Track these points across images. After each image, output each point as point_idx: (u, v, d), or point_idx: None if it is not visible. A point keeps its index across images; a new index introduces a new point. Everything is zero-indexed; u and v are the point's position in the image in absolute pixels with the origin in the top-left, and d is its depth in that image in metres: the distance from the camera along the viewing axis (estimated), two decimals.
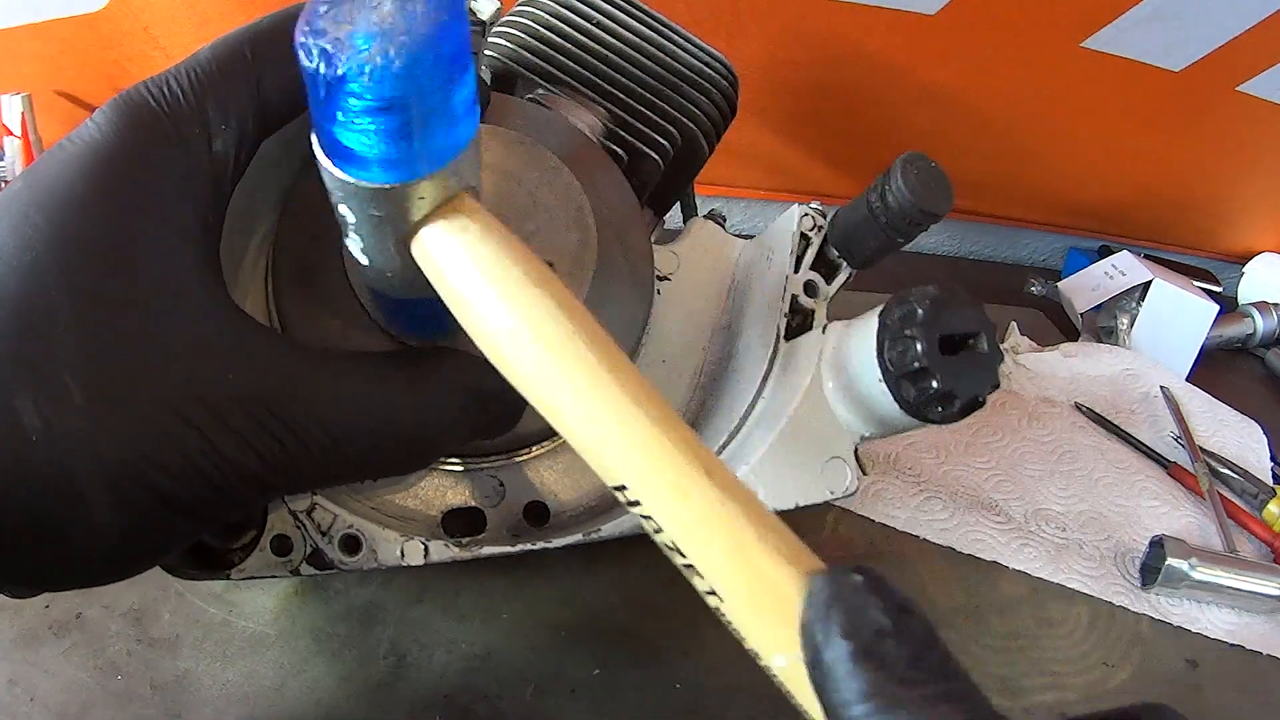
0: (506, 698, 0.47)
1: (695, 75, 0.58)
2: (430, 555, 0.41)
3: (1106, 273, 0.96)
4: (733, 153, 0.67)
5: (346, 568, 0.40)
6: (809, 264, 0.50)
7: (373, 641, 0.49)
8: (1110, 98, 0.94)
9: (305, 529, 0.40)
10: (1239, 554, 0.64)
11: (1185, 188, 1.07)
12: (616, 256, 0.49)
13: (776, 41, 0.87)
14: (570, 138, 0.52)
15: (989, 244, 1.18)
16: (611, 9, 0.58)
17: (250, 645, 0.48)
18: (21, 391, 0.26)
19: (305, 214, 0.46)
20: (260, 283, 0.48)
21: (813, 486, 0.44)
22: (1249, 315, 1.00)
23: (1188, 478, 0.71)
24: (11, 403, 0.25)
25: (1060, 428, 0.75)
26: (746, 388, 0.49)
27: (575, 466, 0.51)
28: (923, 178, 0.46)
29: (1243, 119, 0.96)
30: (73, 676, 0.44)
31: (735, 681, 0.49)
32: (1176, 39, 0.86)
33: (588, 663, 0.49)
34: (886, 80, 0.91)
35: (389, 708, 0.45)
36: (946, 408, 0.40)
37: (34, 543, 0.27)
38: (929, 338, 0.39)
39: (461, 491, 0.49)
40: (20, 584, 0.29)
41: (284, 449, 0.29)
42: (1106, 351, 0.87)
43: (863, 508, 0.64)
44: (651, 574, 0.56)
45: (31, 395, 0.26)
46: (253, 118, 0.32)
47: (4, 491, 0.26)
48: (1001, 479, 0.69)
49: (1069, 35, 0.87)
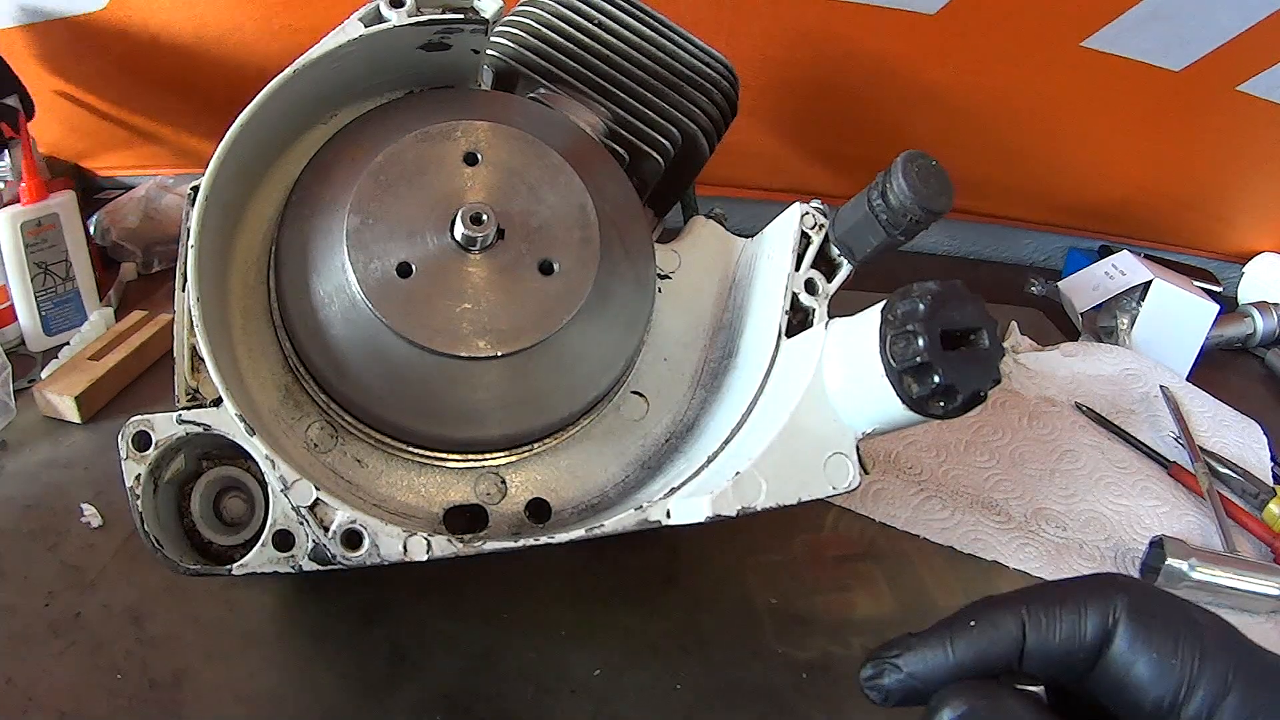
0: (507, 698, 0.47)
1: (696, 75, 0.58)
2: (433, 550, 0.41)
3: (1106, 273, 0.96)
4: (733, 152, 0.67)
5: (349, 563, 0.40)
6: (810, 262, 0.50)
7: (373, 641, 0.49)
8: (1110, 98, 0.94)
9: (307, 524, 0.40)
10: (1239, 554, 0.64)
11: (1185, 188, 1.07)
12: (618, 254, 0.49)
13: (777, 42, 0.87)
14: (572, 136, 0.52)
15: (989, 244, 1.18)
16: (613, 9, 0.58)
17: (250, 644, 0.48)
18: None
19: (306, 214, 0.46)
20: (256, 281, 0.48)
21: (815, 482, 0.44)
22: (1249, 315, 1.00)
23: (1188, 478, 0.71)
24: None
25: (1060, 427, 0.75)
26: (748, 385, 0.49)
27: (577, 463, 0.51)
28: (923, 175, 0.46)
29: (1243, 119, 0.96)
30: (71, 675, 0.44)
31: (735, 681, 0.49)
32: (1176, 39, 0.86)
33: (588, 663, 0.49)
34: (886, 80, 0.91)
35: (389, 708, 0.45)
36: (949, 403, 0.39)
37: None
38: (931, 332, 0.39)
39: (463, 489, 0.49)
40: None
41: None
42: (1106, 351, 0.87)
43: (863, 507, 0.64)
44: (651, 574, 0.56)
45: None
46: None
47: None
48: (1002, 478, 0.69)
49: (1069, 35, 0.87)
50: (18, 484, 0.56)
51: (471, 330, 0.44)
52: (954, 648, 0.27)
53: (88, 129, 0.88)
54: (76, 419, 0.61)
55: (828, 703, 0.49)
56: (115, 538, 0.52)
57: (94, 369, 0.63)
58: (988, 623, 0.27)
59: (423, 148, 0.46)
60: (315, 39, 0.45)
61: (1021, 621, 0.27)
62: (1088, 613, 0.26)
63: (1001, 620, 0.27)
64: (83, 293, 0.72)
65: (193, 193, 0.43)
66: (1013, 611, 0.27)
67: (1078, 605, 0.26)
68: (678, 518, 0.43)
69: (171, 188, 0.87)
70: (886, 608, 0.56)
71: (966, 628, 0.27)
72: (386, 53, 0.47)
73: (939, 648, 0.27)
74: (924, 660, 0.27)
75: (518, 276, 0.45)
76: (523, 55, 0.54)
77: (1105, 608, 0.26)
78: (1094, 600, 0.26)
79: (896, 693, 0.28)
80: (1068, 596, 0.27)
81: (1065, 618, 0.26)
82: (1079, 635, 0.26)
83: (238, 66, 0.82)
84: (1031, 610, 0.27)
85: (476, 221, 0.44)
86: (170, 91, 0.85)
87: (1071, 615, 0.26)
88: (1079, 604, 0.26)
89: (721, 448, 0.47)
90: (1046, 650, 0.26)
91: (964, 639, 0.27)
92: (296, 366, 0.47)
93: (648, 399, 0.53)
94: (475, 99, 0.52)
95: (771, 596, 0.55)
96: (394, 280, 0.43)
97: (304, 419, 0.47)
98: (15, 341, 0.70)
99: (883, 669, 0.28)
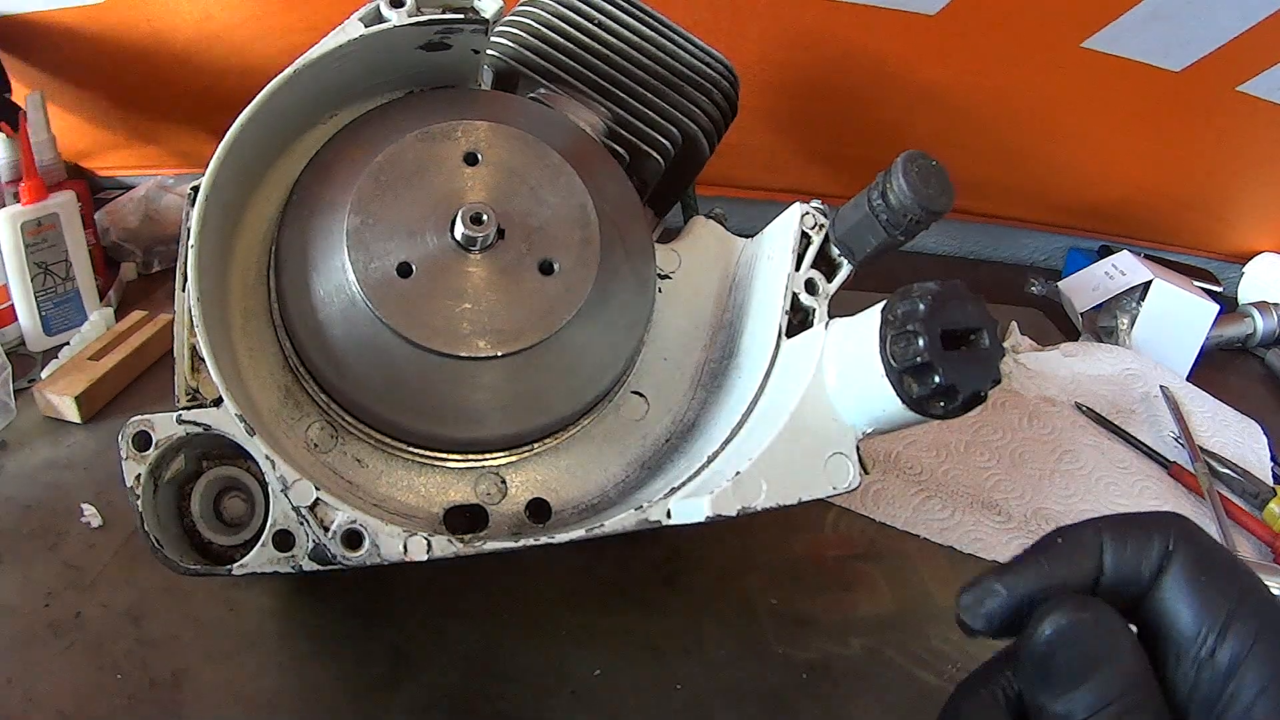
0: (507, 698, 0.47)
1: (696, 75, 0.58)
2: (433, 550, 0.41)
3: (1106, 273, 0.96)
4: (733, 152, 0.67)
5: (349, 563, 0.40)
6: (810, 262, 0.50)
7: (373, 641, 0.49)
8: (1110, 98, 0.94)
9: (307, 524, 0.40)
10: (1239, 554, 0.64)
11: (1185, 188, 1.07)
12: (618, 254, 0.49)
13: (777, 42, 0.87)
14: (573, 136, 0.52)
15: (989, 244, 1.18)
16: (613, 9, 0.58)
17: (250, 644, 0.48)
18: None
19: (306, 214, 0.46)
20: (256, 281, 0.48)
21: (816, 482, 0.44)
22: (1249, 315, 1.00)
23: (1188, 478, 0.71)
24: None
25: (1061, 427, 0.75)
26: (748, 385, 0.49)
27: (577, 463, 0.51)
28: (924, 175, 0.46)
29: (1243, 119, 0.96)
30: (71, 676, 0.44)
31: (735, 682, 0.49)
32: (1176, 39, 0.86)
33: (588, 663, 0.49)
34: (887, 80, 0.91)
35: (389, 708, 0.45)
36: (949, 402, 0.39)
37: None
38: (931, 332, 0.38)
39: (463, 489, 0.49)
40: None
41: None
42: (1106, 351, 0.87)
43: (863, 507, 0.64)
44: (651, 574, 0.56)
45: None
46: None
47: None
48: (1002, 478, 0.69)
49: (1069, 35, 0.87)
50: (18, 484, 0.56)
51: (471, 330, 0.44)
52: (1048, 565, 0.28)
53: (88, 129, 0.88)
54: (76, 419, 0.61)
55: (828, 703, 0.49)
56: (115, 538, 0.52)
57: (94, 369, 0.63)
58: (1073, 540, 0.28)
59: (423, 148, 0.46)
60: (315, 39, 0.45)
61: (1100, 540, 0.28)
62: (1154, 538, 0.27)
63: (1085, 537, 0.28)
64: (83, 293, 0.72)
65: (193, 193, 0.43)
66: (1093, 530, 0.28)
67: (1147, 531, 0.27)
68: (678, 518, 0.43)
69: (171, 188, 0.87)
70: (886, 608, 0.56)
71: (1055, 544, 0.28)
72: (386, 53, 0.47)
73: (1034, 567, 0.28)
74: (1022, 580, 0.28)
75: (518, 276, 0.45)
76: (523, 55, 0.54)
77: (1166, 536, 0.27)
78: (1158, 528, 0.27)
79: (999, 614, 0.28)
80: (1136, 522, 0.28)
81: (1136, 540, 0.27)
82: (1146, 558, 0.27)
83: (238, 66, 0.82)
84: (1106, 530, 0.28)
85: (477, 221, 0.44)
86: (170, 91, 0.85)
87: (1141, 538, 0.27)
88: (1148, 530, 0.27)
89: (721, 448, 0.47)
90: (1119, 571, 0.27)
91: (1054, 558, 0.28)
92: (296, 366, 0.47)
93: (648, 399, 0.53)
94: (475, 99, 0.52)
95: (772, 597, 0.55)
96: (394, 280, 0.43)
97: (304, 419, 0.47)
98: (15, 341, 0.70)
99: (983, 595, 0.28)
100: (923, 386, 0.39)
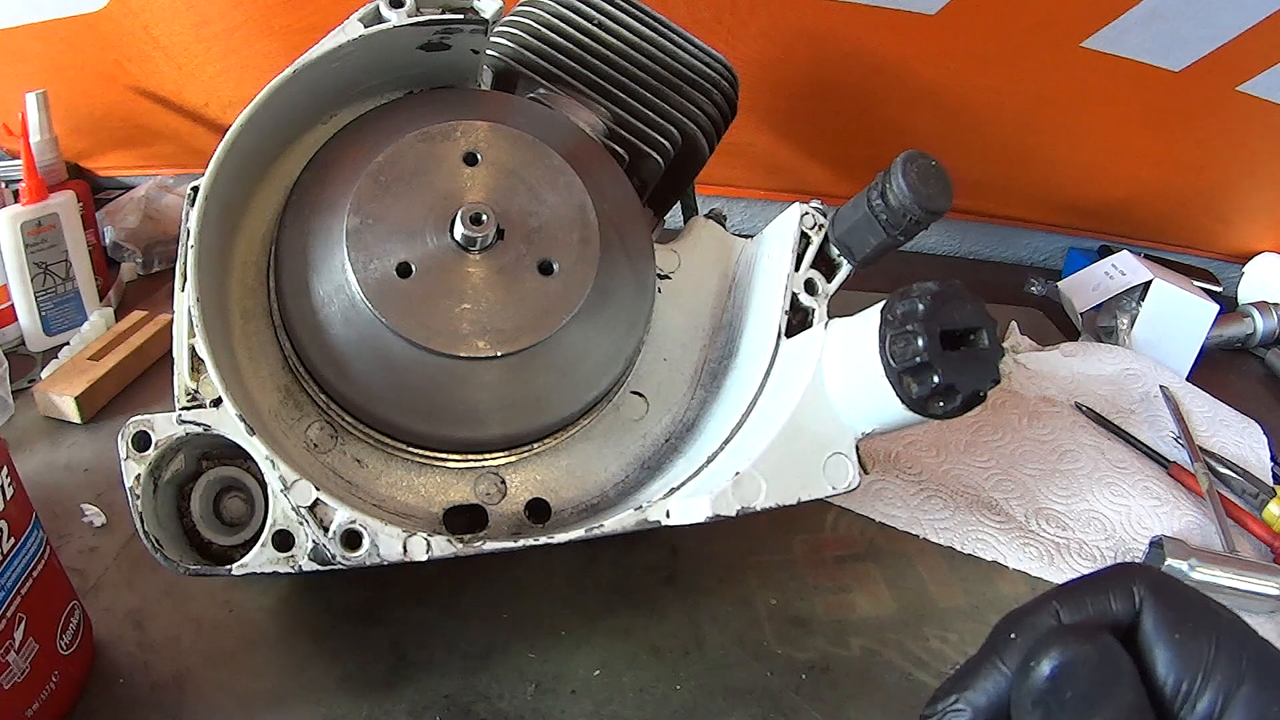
0: (507, 698, 0.47)
1: (696, 75, 0.58)
2: (433, 550, 0.41)
3: (1106, 273, 0.96)
4: (733, 153, 0.67)
5: (349, 563, 0.40)
6: (809, 262, 0.50)
7: (373, 641, 0.49)
8: (1110, 98, 0.94)
9: (307, 524, 0.40)
10: (1239, 554, 0.64)
11: (1185, 188, 1.07)
12: (618, 254, 0.49)
13: (776, 42, 0.87)
14: (572, 136, 0.52)
15: (989, 244, 1.18)
16: (613, 9, 0.58)
17: (250, 645, 0.48)
18: None
19: (306, 214, 0.46)
20: (255, 282, 0.48)
21: (815, 482, 0.44)
22: (1249, 315, 1.00)
23: (1188, 478, 0.71)
24: None
25: (1060, 427, 0.75)
26: (748, 385, 0.49)
27: (577, 463, 0.51)
28: (923, 175, 0.46)
29: (1243, 119, 0.96)
30: None
31: (735, 681, 0.49)
32: (1176, 39, 0.86)
33: (588, 663, 0.49)
34: (886, 80, 0.91)
35: (389, 708, 0.45)
36: (948, 402, 0.40)
37: None
38: (931, 332, 0.39)
39: (463, 489, 0.49)
40: None
41: None
42: (1106, 351, 0.87)
43: (863, 506, 0.64)
44: (651, 574, 0.56)
45: None
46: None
47: None
48: (1002, 478, 0.69)
49: (1069, 35, 0.87)
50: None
51: (471, 330, 0.44)
52: (1006, 664, 0.27)
53: (88, 129, 0.88)
54: (76, 419, 0.61)
55: (828, 703, 0.49)
56: (117, 539, 0.52)
57: (94, 369, 0.63)
58: (1026, 627, 0.27)
59: (422, 148, 0.46)
60: (315, 39, 0.45)
61: (1055, 612, 0.27)
62: (1114, 594, 0.27)
63: (1038, 619, 0.27)
64: (83, 293, 0.72)
65: (193, 193, 0.43)
66: (1044, 608, 0.27)
67: (1103, 588, 0.27)
68: (678, 518, 0.43)
69: (171, 188, 0.87)
70: (886, 608, 0.56)
71: (1009, 641, 0.27)
72: (386, 53, 0.47)
73: (993, 671, 0.27)
74: (986, 690, 0.27)
75: (517, 276, 0.45)
76: (522, 55, 0.54)
77: (1129, 588, 0.27)
78: (1117, 582, 0.27)
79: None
80: (1091, 583, 0.27)
81: (1094, 601, 0.27)
82: (1108, 615, 0.26)
83: (237, 67, 0.82)
84: (1061, 601, 0.27)
85: (476, 222, 0.44)
86: (170, 92, 0.85)
87: (1099, 597, 0.27)
88: (1104, 587, 0.27)
89: (721, 448, 0.47)
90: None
91: (1011, 652, 0.27)
92: (296, 367, 0.47)
93: (647, 399, 0.53)
94: (475, 99, 0.52)
95: (771, 597, 0.55)
96: (394, 280, 0.43)
97: (304, 419, 0.47)
98: (15, 341, 0.70)
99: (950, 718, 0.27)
100: (922, 386, 0.39)
